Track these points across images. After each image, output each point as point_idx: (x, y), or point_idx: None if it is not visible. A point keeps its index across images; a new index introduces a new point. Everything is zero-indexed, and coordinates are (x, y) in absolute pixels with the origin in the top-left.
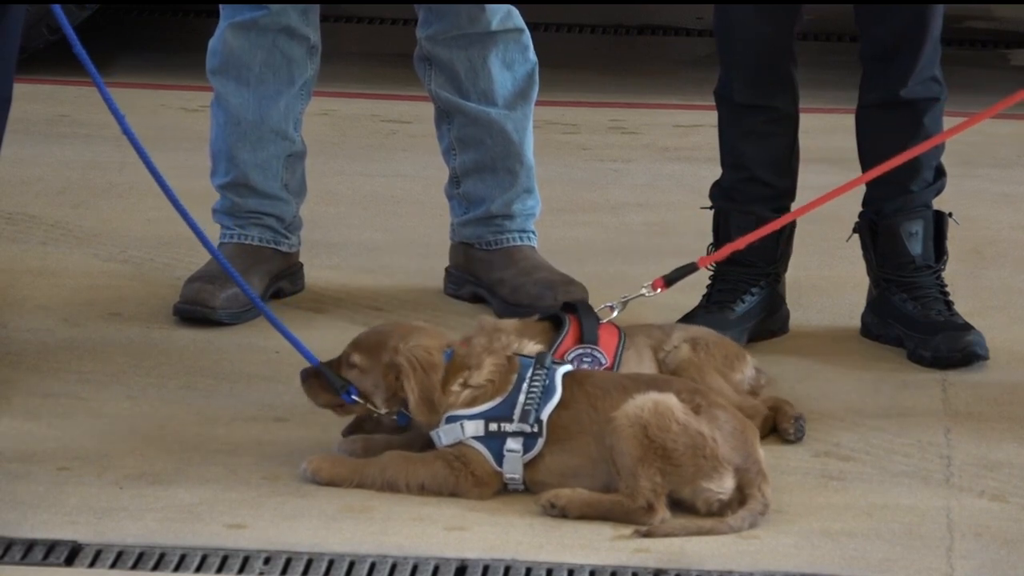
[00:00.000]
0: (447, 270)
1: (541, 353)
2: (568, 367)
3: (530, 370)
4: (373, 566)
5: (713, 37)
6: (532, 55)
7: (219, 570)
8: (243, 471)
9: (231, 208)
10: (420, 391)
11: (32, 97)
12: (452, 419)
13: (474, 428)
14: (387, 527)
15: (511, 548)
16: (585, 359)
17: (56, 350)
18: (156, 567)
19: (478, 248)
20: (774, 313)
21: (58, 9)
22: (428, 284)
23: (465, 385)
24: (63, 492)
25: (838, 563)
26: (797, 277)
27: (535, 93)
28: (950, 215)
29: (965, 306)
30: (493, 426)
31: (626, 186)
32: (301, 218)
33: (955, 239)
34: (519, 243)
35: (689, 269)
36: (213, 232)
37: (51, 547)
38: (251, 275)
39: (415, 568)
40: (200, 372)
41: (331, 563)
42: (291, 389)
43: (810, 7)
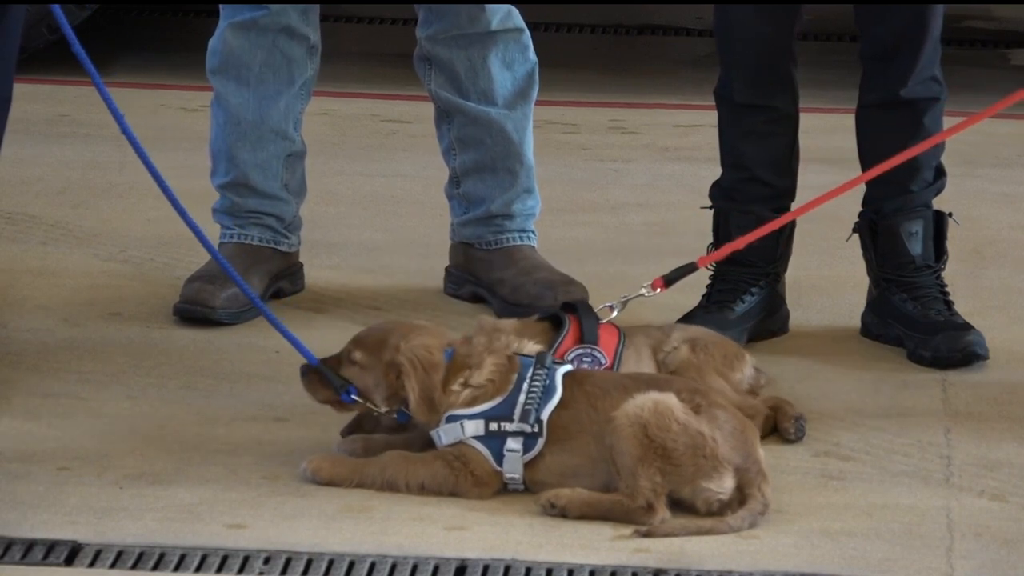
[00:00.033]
0: (447, 270)
1: (541, 353)
2: (568, 367)
3: (530, 370)
4: (373, 566)
5: (713, 37)
6: (532, 55)
7: (219, 570)
8: (243, 471)
9: (231, 208)
10: (421, 390)
11: (32, 97)
12: (452, 419)
13: (474, 428)
14: (387, 527)
15: (511, 548)
16: (585, 359)
17: (56, 350)
18: (156, 567)
19: (478, 248)
20: (774, 313)
21: (57, 9)
22: (428, 284)
23: (466, 385)
24: (63, 492)
25: (838, 563)
26: (797, 277)
27: (535, 93)
28: (950, 215)
29: (965, 306)
30: (493, 426)
31: (626, 186)
32: (301, 218)
33: (955, 239)
34: (519, 243)
35: (689, 269)
36: (213, 232)
37: (51, 547)
38: (251, 275)
39: (415, 568)
40: (200, 372)
41: (331, 563)
42: (291, 389)
43: (810, 7)
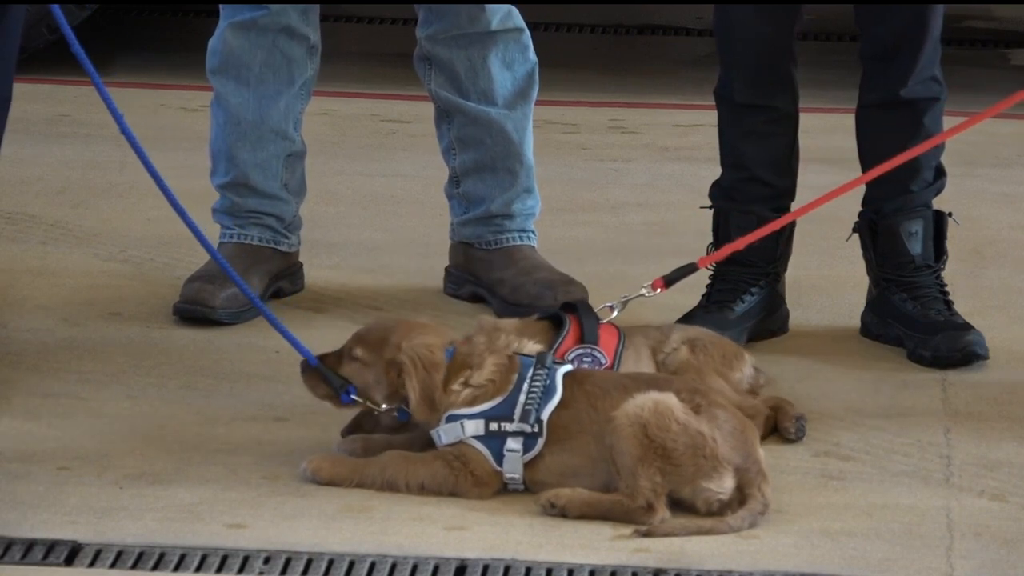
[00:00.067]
0: (447, 270)
1: (542, 353)
2: (569, 367)
3: (531, 370)
4: (373, 566)
5: (713, 37)
6: (532, 55)
7: (219, 570)
8: (243, 471)
9: (231, 208)
10: (422, 390)
11: (32, 97)
12: (452, 418)
13: (474, 427)
14: (387, 527)
15: (511, 548)
16: (585, 359)
17: (56, 350)
18: (156, 567)
19: (478, 248)
20: (774, 313)
21: (57, 9)
22: (428, 284)
23: (466, 384)
24: (63, 492)
25: (838, 563)
26: (797, 277)
27: (535, 93)
28: (950, 215)
29: (965, 306)
30: (493, 426)
31: (626, 186)
32: (301, 218)
33: (955, 239)
34: (519, 243)
35: (689, 269)
36: (213, 232)
37: (51, 547)
38: (251, 275)
39: (415, 568)
40: (200, 372)
41: (331, 563)
42: (291, 389)
43: (810, 7)
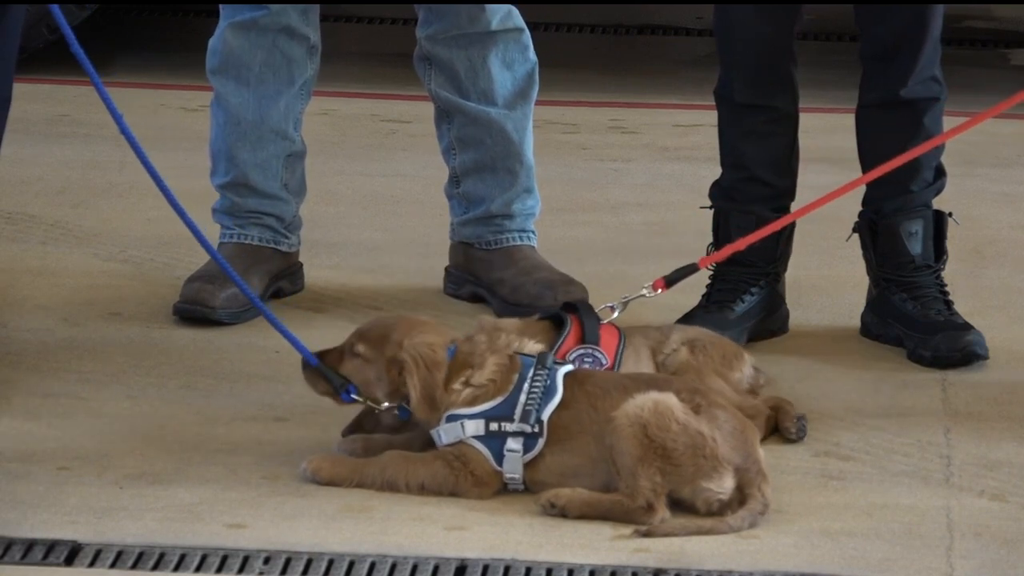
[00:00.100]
0: (447, 270)
1: (543, 353)
2: (569, 367)
3: (531, 370)
4: (373, 566)
5: (713, 37)
6: (532, 55)
7: (219, 570)
8: (243, 471)
9: (231, 208)
10: (423, 388)
11: (32, 97)
12: (453, 418)
13: (475, 427)
14: (387, 527)
15: (511, 548)
16: (586, 359)
17: (56, 350)
18: (156, 567)
19: (478, 248)
20: (774, 313)
21: (56, 9)
22: (428, 284)
23: (467, 384)
24: (63, 492)
25: (838, 563)
26: (797, 277)
27: (535, 93)
28: (950, 215)
29: (965, 306)
30: (494, 426)
31: (626, 186)
32: (301, 218)
33: (955, 239)
34: (519, 243)
35: (690, 270)
36: (213, 232)
37: (51, 547)
38: (251, 275)
39: (415, 568)
40: (200, 372)
41: (331, 563)
42: (291, 389)
43: (810, 7)
